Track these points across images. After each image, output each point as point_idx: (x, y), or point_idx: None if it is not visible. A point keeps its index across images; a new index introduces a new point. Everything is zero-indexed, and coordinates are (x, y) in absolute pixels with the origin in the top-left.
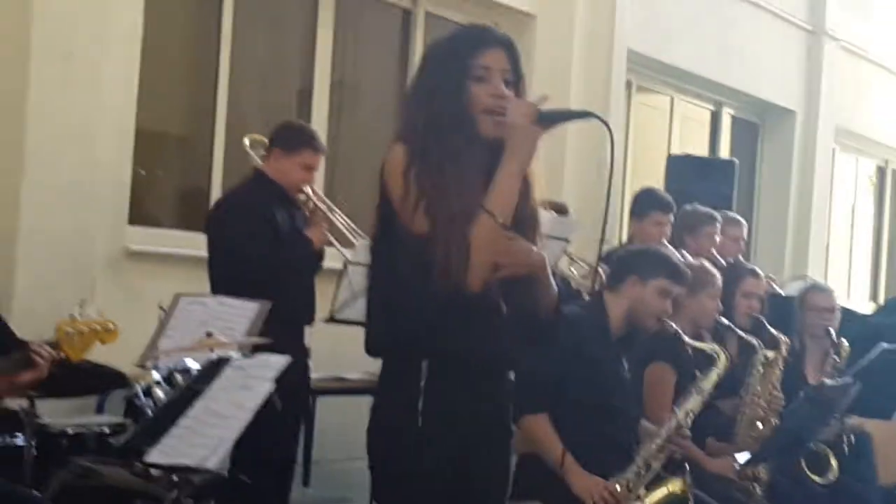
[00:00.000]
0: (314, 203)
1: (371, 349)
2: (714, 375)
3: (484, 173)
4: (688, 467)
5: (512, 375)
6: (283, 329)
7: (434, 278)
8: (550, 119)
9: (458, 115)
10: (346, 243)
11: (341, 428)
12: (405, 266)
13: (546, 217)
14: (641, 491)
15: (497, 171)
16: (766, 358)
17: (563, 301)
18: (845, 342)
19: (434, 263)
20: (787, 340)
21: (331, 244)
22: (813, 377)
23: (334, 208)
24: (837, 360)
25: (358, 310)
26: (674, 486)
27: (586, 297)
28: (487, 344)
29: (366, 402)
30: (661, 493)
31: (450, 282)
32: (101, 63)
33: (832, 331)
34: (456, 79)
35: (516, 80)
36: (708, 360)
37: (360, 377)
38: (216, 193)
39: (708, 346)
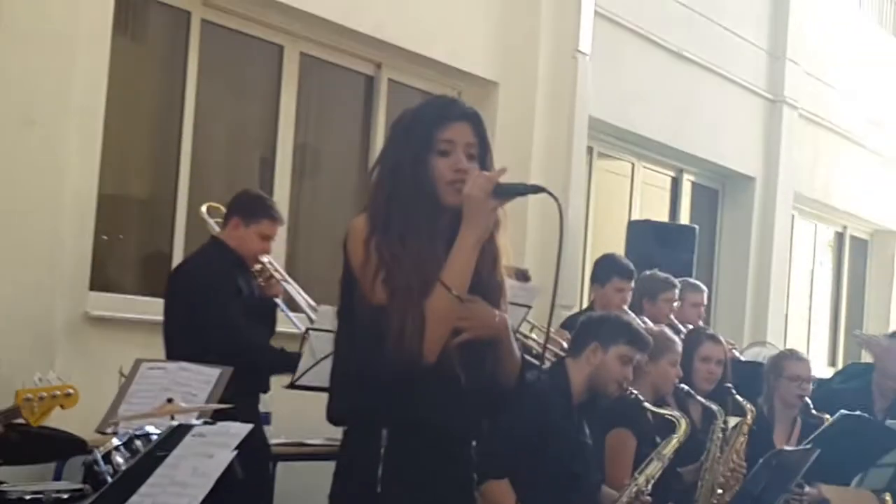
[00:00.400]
0: (270, 272)
1: (332, 417)
2: (675, 441)
3: (448, 243)
4: None
5: (473, 443)
6: (240, 396)
7: (388, 349)
8: (506, 192)
9: (419, 188)
10: (300, 312)
11: (303, 493)
12: (363, 335)
13: (508, 284)
14: None
15: (456, 243)
16: (726, 425)
17: (525, 368)
18: (826, 415)
19: (389, 334)
20: (753, 408)
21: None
22: (780, 445)
23: (288, 278)
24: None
25: (319, 375)
26: None
27: (545, 364)
28: (445, 413)
29: (327, 467)
30: None
31: (404, 353)
32: (64, 129)
33: (808, 401)
34: (419, 152)
35: (482, 153)
36: (669, 427)
37: (322, 442)
38: (178, 258)
39: (668, 412)
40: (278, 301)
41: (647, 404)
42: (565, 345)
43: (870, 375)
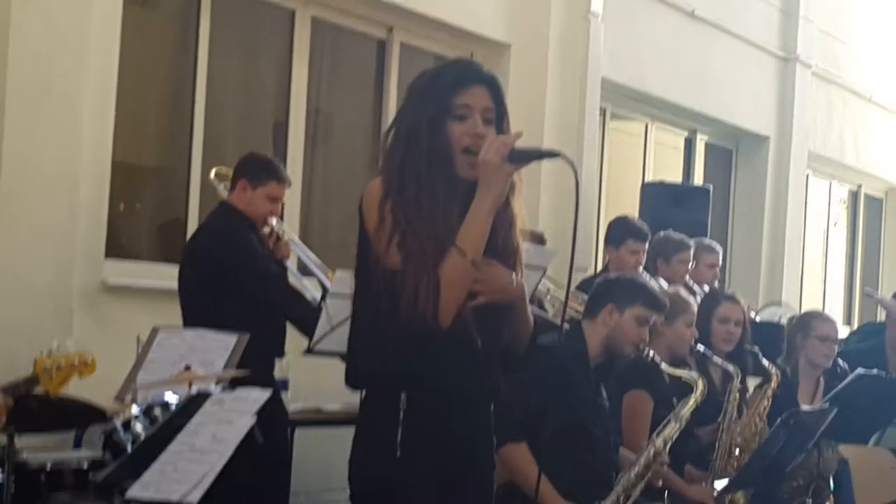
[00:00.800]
0: (277, 235)
1: (351, 381)
2: (692, 403)
3: (461, 211)
4: (667, 495)
5: (492, 407)
6: (257, 361)
7: (403, 312)
8: (521, 157)
9: (435, 153)
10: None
11: (321, 459)
12: (380, 299)
13: (524, 247)
14: None
15: (471, 207)
16: (744, 384)
17: (542, 331)
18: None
19: (403, 297)
20: (778, 372)
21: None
22: (805, 405)
23: (297, 240)
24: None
25: (336, 341)
26: None
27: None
28: (462, 376)
29: (345, 433)
30: None
31: (419, 316)
32: (79, 97)
33: (840, 361)
34: (435, 117)
35: (499, 117)
36: (686, 388)
37: (339, 408)
38: (193, 225)
39: (685, 373)
40: (288, 264)
41: (664, 366)
42: (580, 308)
43: (884, 335)
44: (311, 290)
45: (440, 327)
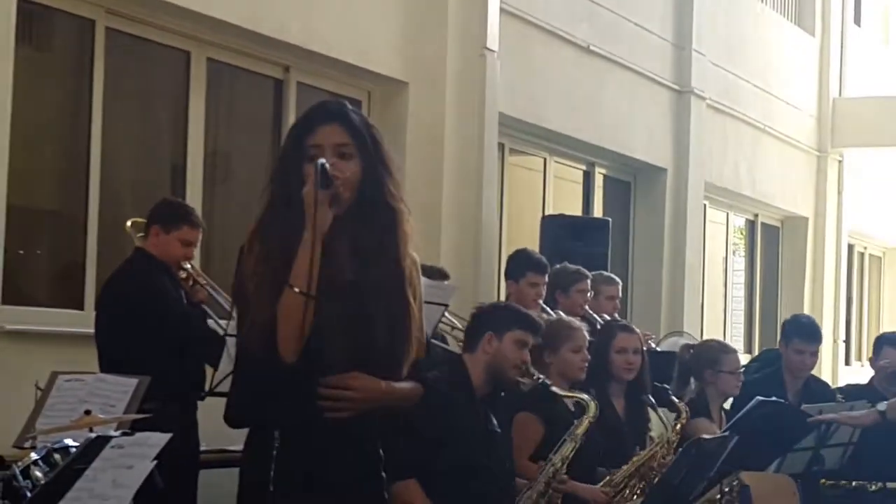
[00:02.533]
0: (194, 279)
1: (227, 420)
2: (586, 422)
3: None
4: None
5: (377, 445)
6: (173, 403)
7: (247, 351)
8: (320, 183)
9: (291, 197)
10: (227, 317)
11: (226, 502)
12: (239, 340)
13: (425, 283)
14: None
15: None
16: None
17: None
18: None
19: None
20: (687, 408)
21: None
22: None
23: (213, 284)
24: None
25: None
26: None
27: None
28: (313, 411)
29: None
30: None
31: (257, 353)
32: None
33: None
34: (292, 162)
35: (362, 146)
36: (580, 409)
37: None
38: (91, 269)
39: (576, 394)
40: (205, 307)
41: (554, 388)
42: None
43: (781, 361)
44: (225, 330)
45: (285, 363)
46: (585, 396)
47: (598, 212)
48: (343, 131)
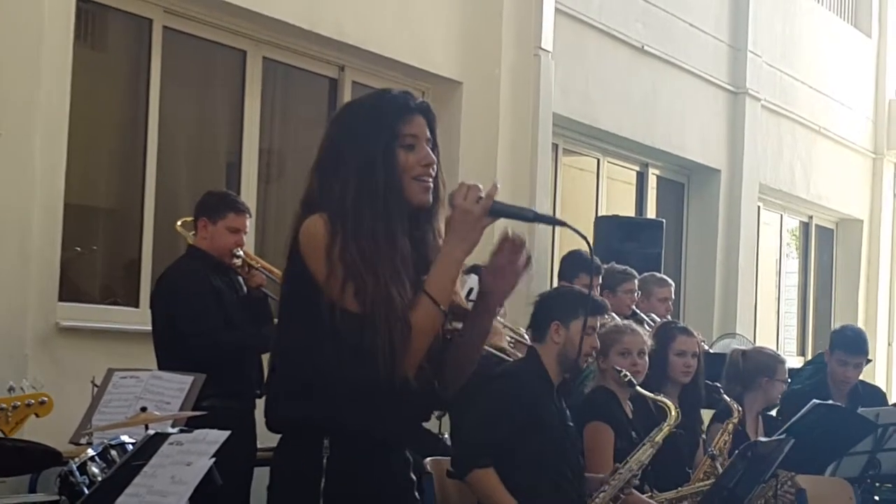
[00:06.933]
0: (248, 265)
1: (273, 424)
2: (666, 428)
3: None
4: None
5: (409, 453)
6: (226, 399)
7: (367, 363)
8: (500, 212)
9: (391, 185)
10: None
11: None
12: (330, 345)
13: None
14: None
15: (440, 254)
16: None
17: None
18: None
19: (368, 347)
20: (740, 409)
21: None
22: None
23: (268, 266)
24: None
25: None
26: None
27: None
28: (388, 423)
29: None
30: None
31: (387, 368)
32: (30, 140)
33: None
34: (388, 147)
35: (433, 147)
36: (648, 423)
37: None
38: (147, 267)
39: (660, 398)
40: (266, 290)
41: (640, 389)
42: (527, 336)
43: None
44: None
45: (403, 377)
46: (668, 402)
47: (651, 213)
48: (427, 127)
